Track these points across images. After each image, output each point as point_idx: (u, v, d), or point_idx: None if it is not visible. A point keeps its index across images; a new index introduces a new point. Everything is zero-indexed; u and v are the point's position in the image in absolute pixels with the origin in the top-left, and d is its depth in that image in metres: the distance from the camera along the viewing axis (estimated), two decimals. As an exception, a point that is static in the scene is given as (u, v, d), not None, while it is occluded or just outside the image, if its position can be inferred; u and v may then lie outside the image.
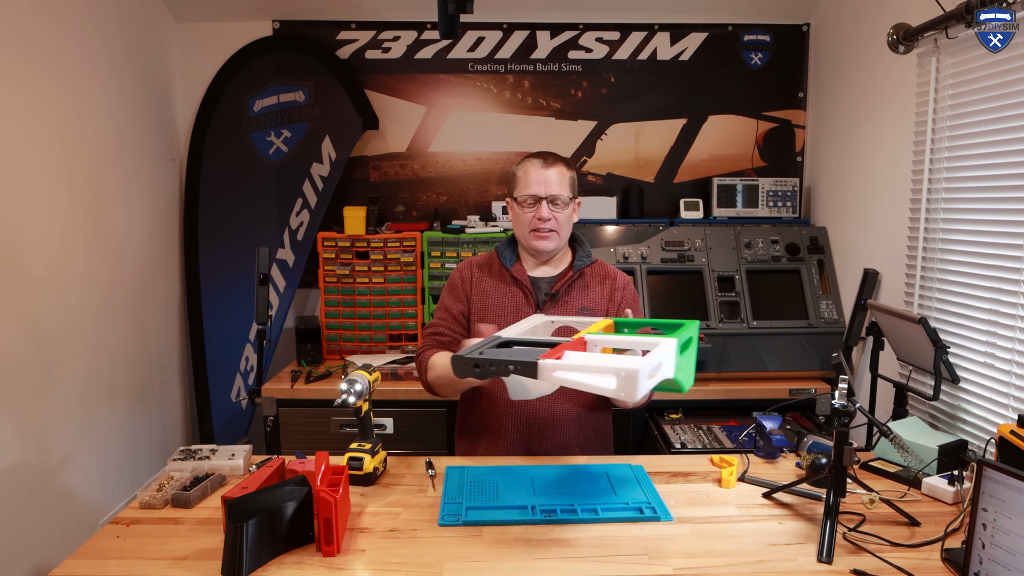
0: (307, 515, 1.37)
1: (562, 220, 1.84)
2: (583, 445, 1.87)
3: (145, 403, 2.98)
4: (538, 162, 1.84)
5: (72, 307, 2.49)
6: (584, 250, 1.95)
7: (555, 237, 1.84)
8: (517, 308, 1.86)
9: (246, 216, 3.22)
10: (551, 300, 1.86)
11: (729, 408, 2.67)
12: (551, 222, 1.82)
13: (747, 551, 1.36)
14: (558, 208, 1.82)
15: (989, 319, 2.01)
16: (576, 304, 1.87)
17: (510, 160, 3.34)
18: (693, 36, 3.28)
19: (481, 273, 1.93)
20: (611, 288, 1.92)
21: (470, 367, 1.36)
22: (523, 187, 1.84)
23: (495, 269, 1.93)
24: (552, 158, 1.86)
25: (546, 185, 1.82)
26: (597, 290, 1.91)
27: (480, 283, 1.92)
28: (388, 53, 3.26)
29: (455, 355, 1.39)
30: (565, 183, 1.84)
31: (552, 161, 1.85)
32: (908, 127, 2.38)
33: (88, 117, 2.60)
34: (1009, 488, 1.21)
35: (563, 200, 1.83)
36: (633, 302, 1.94)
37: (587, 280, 1.91)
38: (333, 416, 2.69)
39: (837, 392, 1.48)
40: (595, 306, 1.89)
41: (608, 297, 1.91)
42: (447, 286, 1.97)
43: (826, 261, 2.92)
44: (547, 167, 1.83)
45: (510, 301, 1.87)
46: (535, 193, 1.82)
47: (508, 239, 1.97)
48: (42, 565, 2.26)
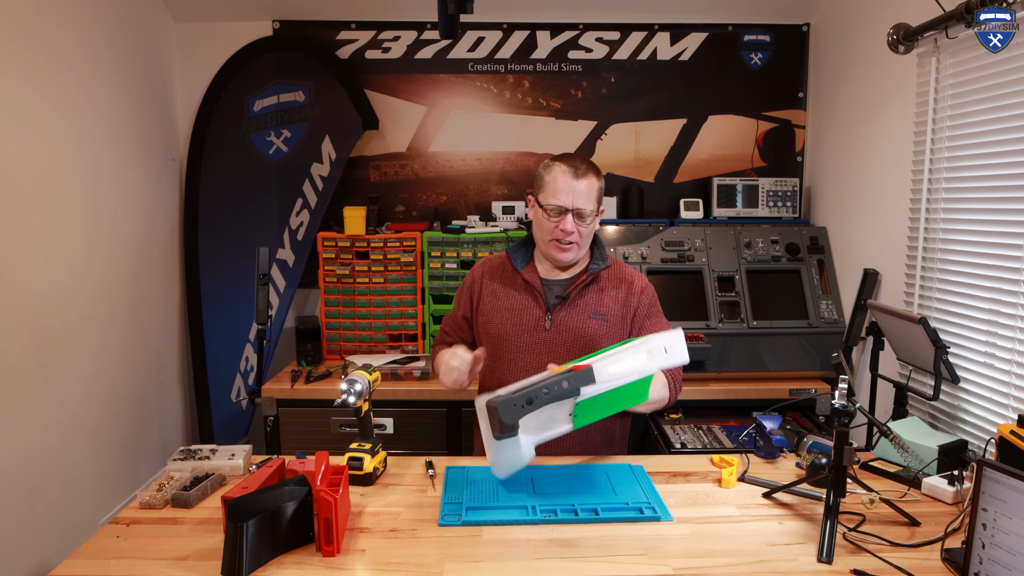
0: (307, 515, 1.37)
1: (585, 233, 1.80)
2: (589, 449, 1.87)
3: (145, 403, 2.98)
4: (569, 171, 1.77)
5: (72, 307, 2.49)
6: (601, 252, 1.91)
7: (575, 249, 1.81)
8: (526, 311, 1.85)
9: (246, 216, 3.22)
10: (561, 303, 1.84)
11: (729, 408, 2.67)
12: (574, 235, 1.78)
13: (747, 551, 1.36)
14: (583, 221, 1.78)
15: (989, 319, 2.01)
16: (588, 309, 1.84)
17: (510, 160, 3.34)
18: (693, 36, 3.28)
19: (493, 274, 1.92)
20: (627, 293, 1.88)
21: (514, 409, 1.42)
22: (550, 195, 1.78)
23: (507, 271, 1.91)
24: (583, 167, 1.79)
25: (574, 197, 1.76)
26: (612, 295, 1.87)
27: (491, 284, 1.90)
28: (388, 53, 3.26)
29: (501, 401, 1.42)
30: (593, 195, 1.79)
31: (583, 172, 1.78)
32: (908, 127, 2.38)
33: (88, 117, 2.60)
34: (1009, 488, 1.21)
35: (588, 213, 1.78)
36: (651, 307, 1.90)
37: (602, 284, 1.88)
38: (333, 416, 2.69)
39: (837, 392, 1.48)
40: (608, 311, 1.85)
41: (623, 302, 1.87)
42: (461, 285, 1.98)
43: (826, 261, 2.92)
44: (578, 178, 1.77)
45: (519, 304, 1.86)
46: (562, 204, 1.76)
47: (522, 240, 1.94)
48: (42, 565, 2.26)
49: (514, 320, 1.85)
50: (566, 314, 1.83)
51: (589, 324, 1.83)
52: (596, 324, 1.83)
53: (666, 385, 1.77)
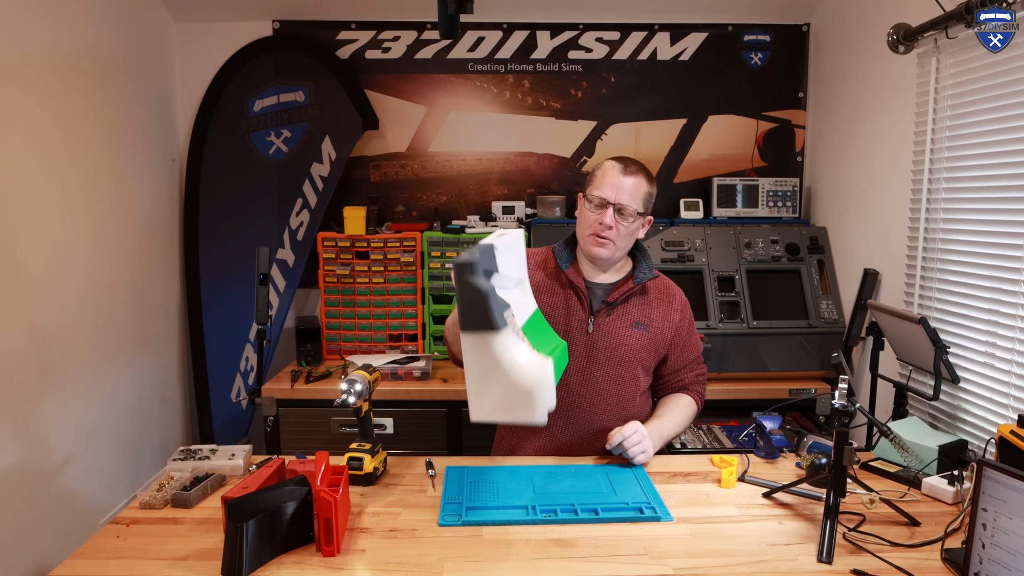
0: (307, 515, 1.37)
1: (623, 232, 1.77)
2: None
3: (145, 403, 2.98)
4: (619, 167, 1.78)
5: (72, 307, 2.49)
6: (647, 262, 1.90)
7: (611, 247, 1.79)
8: (569, 312, 1.83)
9: (246, 216, 3.22)
10: (606, 308, 1.83)
11: (729, 408, 2.67)
12: (612, 231, 1.76)
13: (747, 551, 1.36)
14: (623, 218, 1.76)
15: (989, 319, 2.01)
16: (632, 317, 1.85)
17: (510, 160, 3.34)
18: (693, 36, 3.28)
19: (537, 269, 1.89)
20: (668, 307, 1.89)
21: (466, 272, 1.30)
22: (596, 186, 1.79)
23: (550, 268, 1.89)
24: (635, 167, 1.79)
25: (617, 192, 1.75)
26: (658, 309, 1.87)
27: (534, 279, 1.84)
28: (388, 53, 3.26)
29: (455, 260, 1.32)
30: (639, 196, 1.78)
31: (634, 170, 1.78)
32: (908, 127, 2.38)
33: (88, 117, 2.60)
34: (1009, 488, 1.21)
35: (630, 211, 1.76)
36: (691, 323, 1.94)
37: (649, 298, 1.88)
38: (333, 416, 2.69)
39: (837, 392, 1.48)
40: (651, 323, 1.86)
41: (664, 316, 1.88)
42: None
43: (826, 261, 2.92)
44: (626, 174, 1.77)
45: (562, 303, 1.84)
46: (604, 196, 1.75)
47: (567, 239, 1.93)
48: (42, 565, 2.26)
49: (558, 319, 1.83)
50: (610, 320, 1.83)
51: (631, 333, 1.83)
52: (638, 333, 1.84)
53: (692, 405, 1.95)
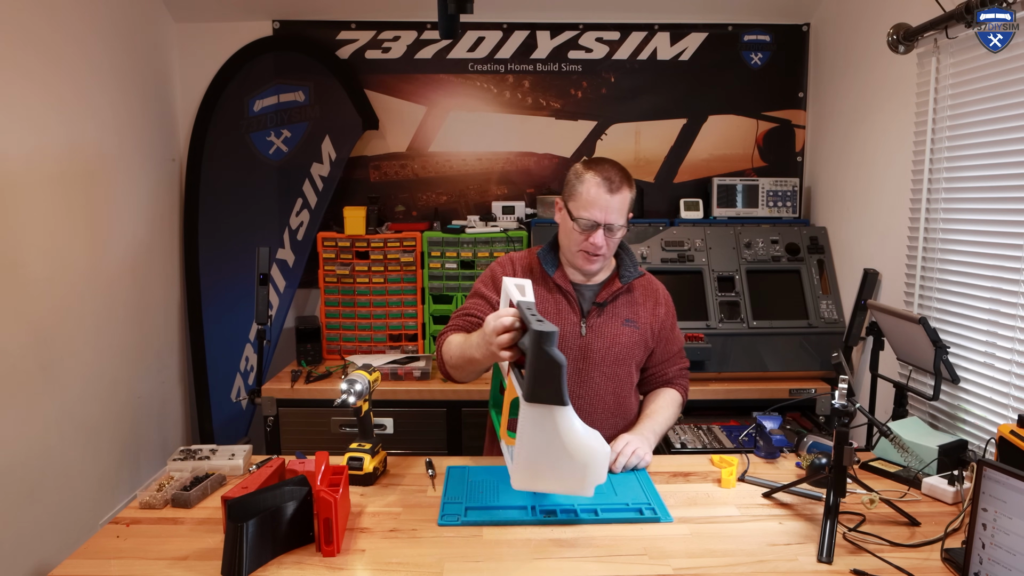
0: (307, 515, 1.37)
1: (612, 244, 1.79)
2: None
3: (145, 403, 2.98)
4: (604, 184, 1.72)
5: (72, 307, 2.49)
6: (631, 260, 1.90)
7: (602, 260, 1.81)
8: (560, 316, 1.83)
9: (246, 216, 3.22)
10: (597, 309, 1.84)
11: (729, 408, 2.67)
12: (603, 249, 1.76)
13: (747, 551, 1.36)
14: (612, 234, 1.76)
15: (989, 319, 2.01)
16: (622, 316, 1.86)
17: (510, 160, 3.34)
18: (693, 36, 3.28)
19: (524, 274, 1.88)
20: (654, 303, 1.91)
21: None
22: (582, 207, 1.74)
23: (536, 273, 1.88)
24: (618, 180, 1.74)
25: (606, 213, 1.72)
26: (645, 305, 1.89)
27: None
28: (388, 53, 3.26)
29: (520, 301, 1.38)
30: (625, 208, 1.76)
31: (618, 184, 1.73)
32: (908, 127, 2.38)
33: (88, 117, 2.60)
34: (1009, 488, 1.21)
35: (619, 227, 1.76)
36: (673, 317, 1.95)
37: (635, 295, 1.89)
38: (333, 416, 2.69)
39: (837, 392, 1.48)
40: (639, 319, 1.87)
41: (651, 312, 1.90)
42: (486, 277, 1.90)
43: (826, 261, 2.92)
44: (612, 192, 1.72)
45: (552, 308, 1.84)
46: (593, 219, 1.73)
47: (550, 243, 1.91)
48: (42, 565, 2.26)
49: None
50: (601, 320, 1.84)
51: (623, 331, 1.84)
52: (629, 331, 1.85)
53: (678, 398, 1.96)
